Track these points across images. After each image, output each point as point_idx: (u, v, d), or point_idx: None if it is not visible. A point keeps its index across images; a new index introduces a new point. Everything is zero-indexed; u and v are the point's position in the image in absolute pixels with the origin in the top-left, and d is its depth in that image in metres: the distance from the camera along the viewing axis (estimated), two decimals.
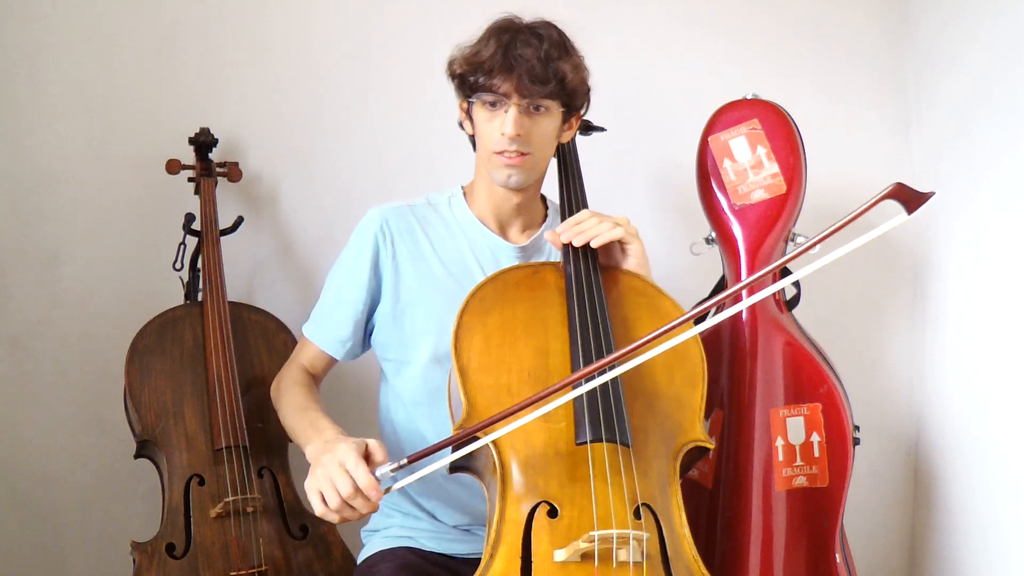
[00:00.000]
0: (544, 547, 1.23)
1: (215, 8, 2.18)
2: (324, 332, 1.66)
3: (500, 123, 1.50)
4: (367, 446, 1.33)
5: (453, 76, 1.57)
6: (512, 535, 1.25)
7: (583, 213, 1.54)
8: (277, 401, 1.65)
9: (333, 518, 1.31)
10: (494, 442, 1.31)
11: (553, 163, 1.73)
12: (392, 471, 1.29)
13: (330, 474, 1.29)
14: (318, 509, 1.31)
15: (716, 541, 1.88)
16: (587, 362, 1.37)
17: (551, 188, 1.74)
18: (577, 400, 1.34)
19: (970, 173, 2.13)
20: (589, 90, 1.61)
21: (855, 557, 1.93)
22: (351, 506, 1.29)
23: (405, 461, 1.29)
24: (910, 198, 1.13)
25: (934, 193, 1.12)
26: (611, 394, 1.34)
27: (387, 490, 1.31)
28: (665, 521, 1.29)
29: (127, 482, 2.09)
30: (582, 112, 1.64)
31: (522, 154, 1.51)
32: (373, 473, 1.28)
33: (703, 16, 2.37)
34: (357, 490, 1.27)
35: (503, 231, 1.64)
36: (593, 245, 1.50)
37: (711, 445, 1.40)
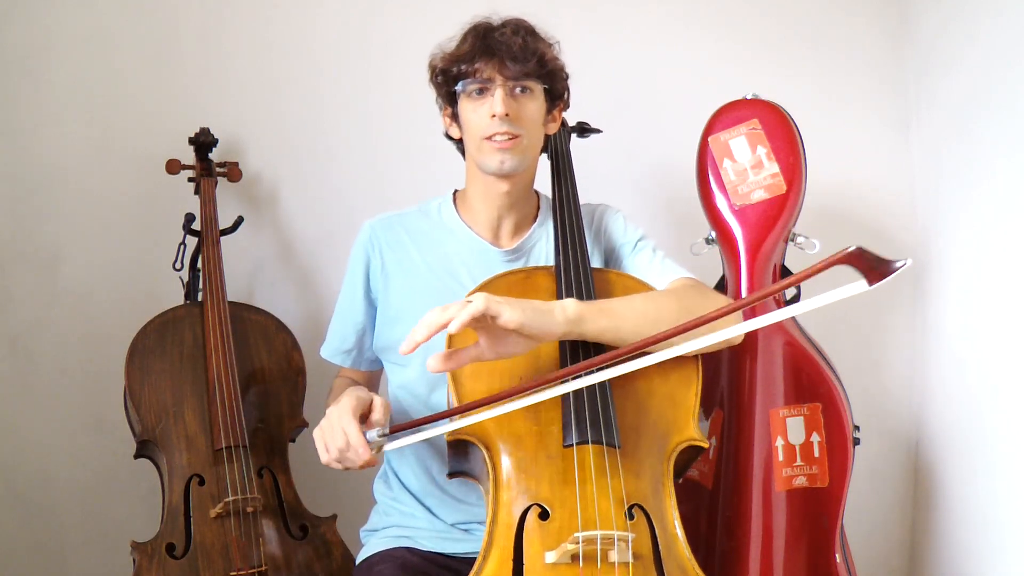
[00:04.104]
0: (535, 549, 1.24)
1: (215, 8, 2.19)
2: (331, 346, 1.72)
3: (488, 107, 1.52)
4: (370, 403, 1.43)
5: (435, 74, 1.60)
6: (504, 538, 1.26)
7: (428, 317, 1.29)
8: None
9: (336, 466, 1.41)
10: (486, 446, 1.32)
11: (547, 165, 1.74)
12: (379, 436, 1.38)
13: (327, 427, 1.40)
14: (322, 457, 1.42)
15: (716, 541, 1.88)
16: (574, 364, 1.37)
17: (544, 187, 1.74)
18: (565, 403, 1.35)
19: (970, 173, 2.13)
20: (567, 76, 1.64)
21: (855, 557, 1.93)
22: (348, 456, 1.39)
23: (387, 431, 1.39)
24: (871, 267, 1.00)
25: (902, 263, 0.99)
26: (599, 396, 1.35)
27: (378, 450, 1.39)
28: (658, 521, 1.30)
29: (127, 482, 2.09)
30: (564, 103, 1.66)
31: (513, 136, 1.53)
32: (365, 434, 1.38)
33: (703, 16, 2.37)
34: (348, 445, 1.37)
35: (494, 234, 1.64)
36: (451, 330, 1.27)
37: (705, 444, 1.40)
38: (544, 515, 1.27)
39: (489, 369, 1.38)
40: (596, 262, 1.64)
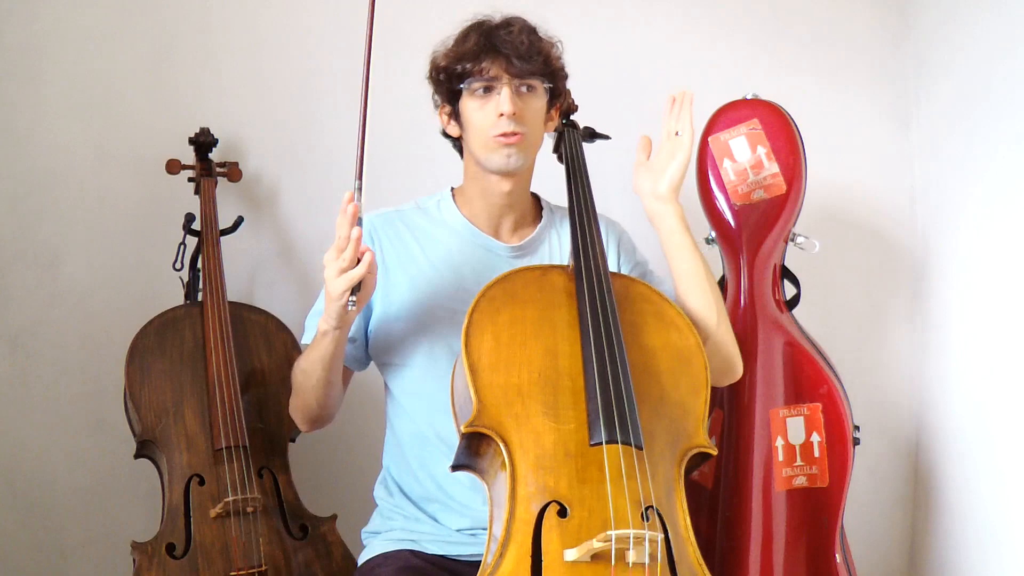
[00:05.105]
0: (554, 547, 1.23)
1: (215, 9, 2.19)
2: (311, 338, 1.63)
3: (495, 106, 1.53)
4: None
5: (438, 72, 1.59)
6: (522, 534, 1.25)
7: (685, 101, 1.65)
8: (294, 396, 1.63)
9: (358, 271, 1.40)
10: (504, 441, 1.31)
11: (560, 167, 1.74)
12: (357, 191, 1.42)
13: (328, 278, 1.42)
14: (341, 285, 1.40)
15: (716, 541, 1.88)
16: (600, 365, 1.38)
17: (553, 194, 1.74)
18: (591, 401, 1.35)
19: (969, 171, 2.14)
20: (567, 76, 1.65)
21: (855, 557, 1.93)
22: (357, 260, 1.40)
23: (357, 183, 1.44)
24: None
25: None
26: (624, 396, 1.35)
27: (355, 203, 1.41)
28: (671, 524, 1.30)
29: (127, 482, 2.09)
30: (562, 102, 1.67)
31: (518, 135, 1.53)
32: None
33: (703, 16, 2.37)
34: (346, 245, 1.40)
35: (495, 231, 1.64)
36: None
37: (714, 451, 1.41)
38: (563, 512, 1.27)
39: (507, 362, 1.38)
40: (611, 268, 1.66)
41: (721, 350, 1.58)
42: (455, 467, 1.39)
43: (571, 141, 1.76)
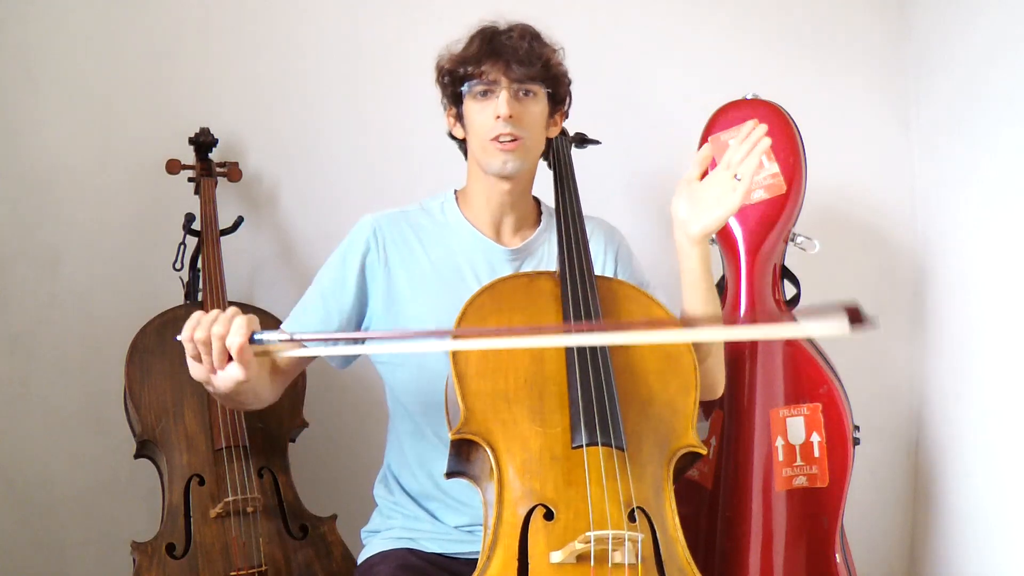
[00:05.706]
0: (540, 549, 1.24)
1: (215, 9, 2.19)
2: (309, 328, 1.58)
3: (493, 109, 1.54)
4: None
5: (442, 74, 1.61)
6: (509, 537, 1.26)
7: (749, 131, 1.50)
8: None
9: (200, 373, 1.27)
10: (491, 447, 1.32)
11: (550, 173, 1.74)
12: (276, 339, 1.24)
13: (207, 316, 1.25)
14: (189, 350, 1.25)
15: (716, 541, 1.88)
16: (582, 368, 1.39)
17: (546, 195, 1.74)
18: (573, 405, 1.36)
19: (970, 171, 2.14)
20: (570, 82, 1.66)
21: (855, 557, 1.93)
22: (215, 348, 1.23)
23: (287, 336, 1.25)
24: (857, 319, 1.19)
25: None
26: (606, 398, 1.36)
27: (257, 347, 1.22)
28: (659, 524, 1.31)
29: (127, 482, 2.09)
30: (565, 108, 1.68)
31: (515, 139, 1.55)
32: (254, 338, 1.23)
33: (703, 16, 2.37)
34: (224, 329, 1.22)
35: (496, 233, 1.65)
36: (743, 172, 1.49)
37: (704, 451, 1.41)
38: (549, 515, 1.28)
39: (494, 369, 1.39)
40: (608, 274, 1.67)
41: (709, 376, 1.59)
42: (449, 474, 1.40)
43: (558, 148, 1.77)
